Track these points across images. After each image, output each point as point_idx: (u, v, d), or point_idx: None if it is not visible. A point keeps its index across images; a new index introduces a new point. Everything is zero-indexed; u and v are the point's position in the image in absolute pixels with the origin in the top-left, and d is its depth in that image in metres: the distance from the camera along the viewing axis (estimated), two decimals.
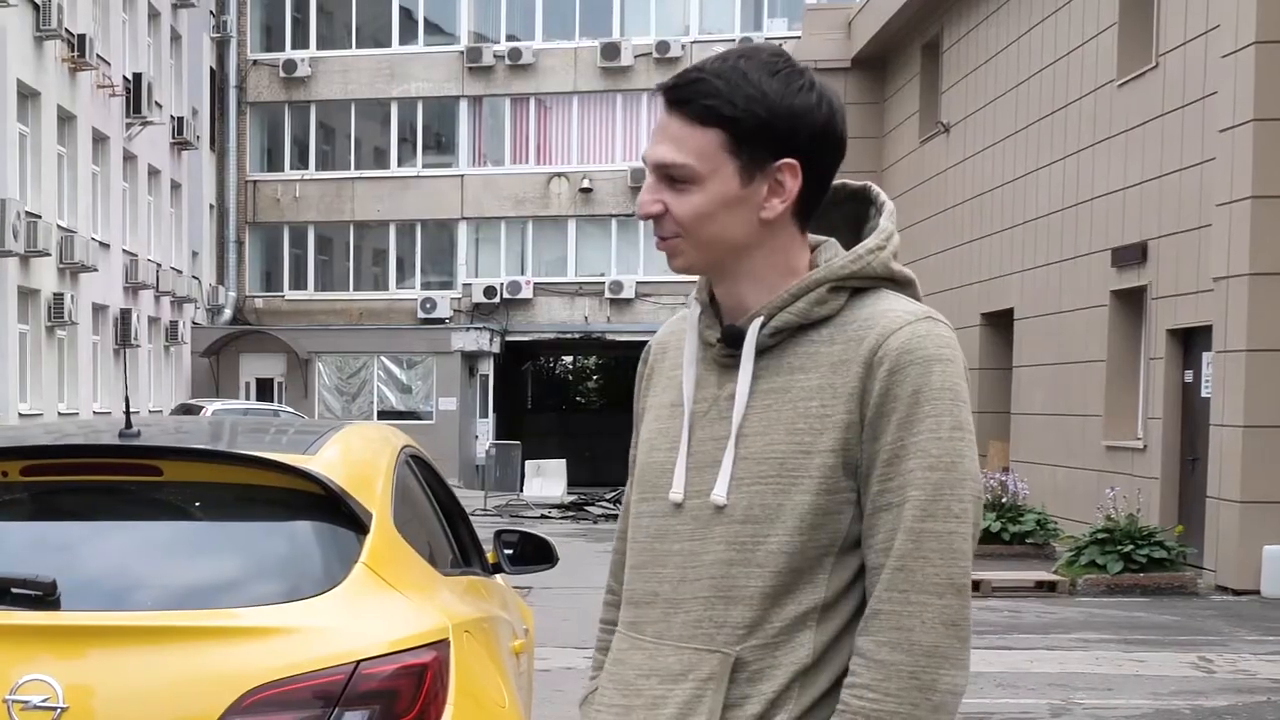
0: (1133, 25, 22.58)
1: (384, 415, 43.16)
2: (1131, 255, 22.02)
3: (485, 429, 47.06)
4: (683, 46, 48.41)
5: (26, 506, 4.53)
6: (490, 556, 6.12)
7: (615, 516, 29.67)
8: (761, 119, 2.59)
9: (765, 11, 48.99)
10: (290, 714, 3.92)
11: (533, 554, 6.19)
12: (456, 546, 5.68)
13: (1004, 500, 21.53)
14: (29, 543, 4.43)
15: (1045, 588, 17.79)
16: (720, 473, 2.64)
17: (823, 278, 2.65)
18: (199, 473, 4.43)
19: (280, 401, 43.03)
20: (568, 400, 62.95)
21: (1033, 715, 10.64)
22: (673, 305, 48.85)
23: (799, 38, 38.95)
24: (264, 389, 45.84)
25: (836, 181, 2.78)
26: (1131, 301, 22.59)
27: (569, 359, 63.04)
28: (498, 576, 6.22)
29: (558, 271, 49.60)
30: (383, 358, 46.55)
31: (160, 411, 39.90)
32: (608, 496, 32.01)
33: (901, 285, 2.72)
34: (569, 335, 50.08)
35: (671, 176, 2.62)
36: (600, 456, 52.42)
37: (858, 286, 2.67)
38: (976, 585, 17.32)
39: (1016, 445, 26.97)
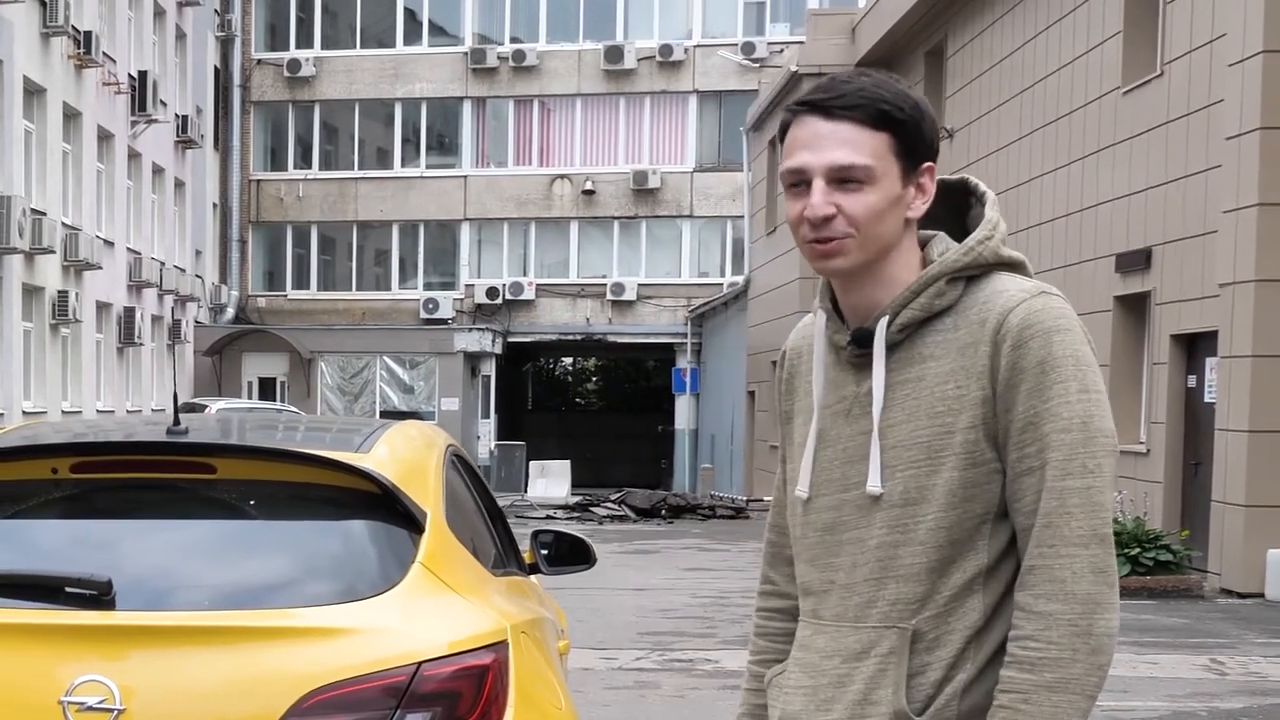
0: (1138, 33, 22.52)
1: (386, 415, 43.07)
2: (1135, 261, 21.98)
3: (487, 429, 47.04)
4: (685, 50, 48.45)
5: (77, 504, 4.46)
6: (527, 556, 6.07)
7: (620, 518, 29.75)
8: (919, 125, 2.85)
9: (768, 16, 48.99)
10: (352, 715, 3.87)
11: (568, 554, 6.12)
12: (498, 546, 5.63)
13: None
14: (81, 541, 4.36)
15: None
16: (871, 464, 2.83)
17: (939, 272, 2.86)
18: (253, 471, 4.37)
19: (283, 401, 42.97)
20: (567, 402, 62.98)
21: None
22: (674, 308, 48.92)
23: (801, 42, 38.93)
24: (266, 388, 45.79)
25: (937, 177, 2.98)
26: (1135, 307, 22.54)
27: (569, 360, 63.06)
28: (532, 577, 6.17)
29: (560, 273, 49.63)
30: (385, 358, 46.50)
31: (162, 410, 39.83)
32: (613, 498, 31.93)
33: (1013, 267, 2.91)
34: (570, 337, 50.09)
35: (846, 178, 2.79)
36: (600, 458, 52.38)
37: (972, 275, 2.87)
38: None
39: None
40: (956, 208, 3.01)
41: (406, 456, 4.85)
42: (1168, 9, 21.45)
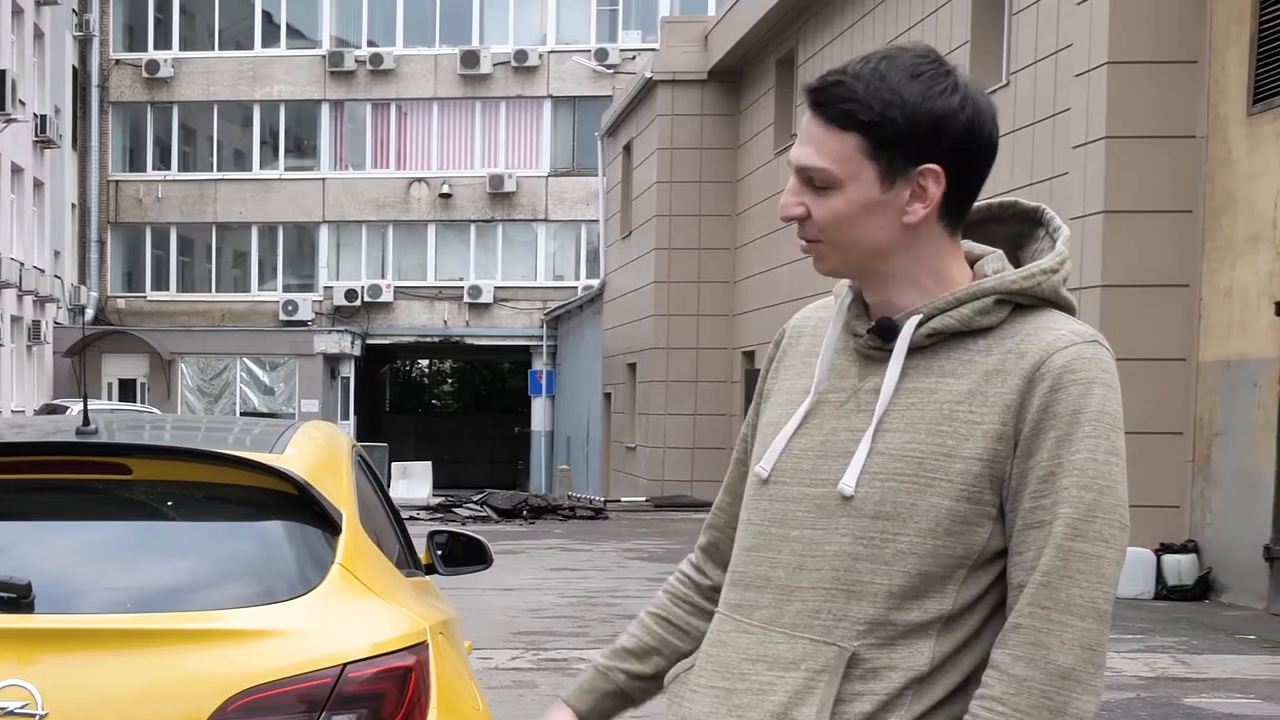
0: (985, 43, 22.77)
1: (246, 416, 42.67)
2: None
3: (346, 431, 46.71)
4: (540, 56, 48.50)
5: None
6: (423, 557, 5.99)
7: (482, 518, 29.58)
8: (899, 124, 2.51)
9: (620, 23, 49.12)
10: (278, 717, 3.80)
11: (462, 554, 6.02)
12: (400, 546, 5.56)
13: None
14: None
15: None
16: (851, 463, 2.55)
17: (991, 289, 2.56)
18: (168, 471, 4.27)
19: (143, 402, 42.40)
20: (423, 404, 62.77)
21: None
22: (530, 310, 48.88)
23: (654, 49, 39.03)
24: (127, 389, 45.22)
25: (1008, 199, 2.73)
26: None
27: (425, 363, 62.87)
28: (428, 577, 6.09)
29: (417, 276, 49.50)
30: (245, 359, 46.14)
31: (23, 411, 39.15)
32: (475, 498, 31.76)
33: (1065, 309, 2.62)
34: (429, 339, 49.98)
35: (810, 180, 2.55)
36: (457, 459, 52.25)
37: (1022, 303, 2.58)
38: None
39: None
40: (1019, 235, 2.73)
41: (319, 457, 4.76)
42: (1013, 20, 21.73)
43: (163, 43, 49.82)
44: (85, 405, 4.63)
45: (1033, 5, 20.90)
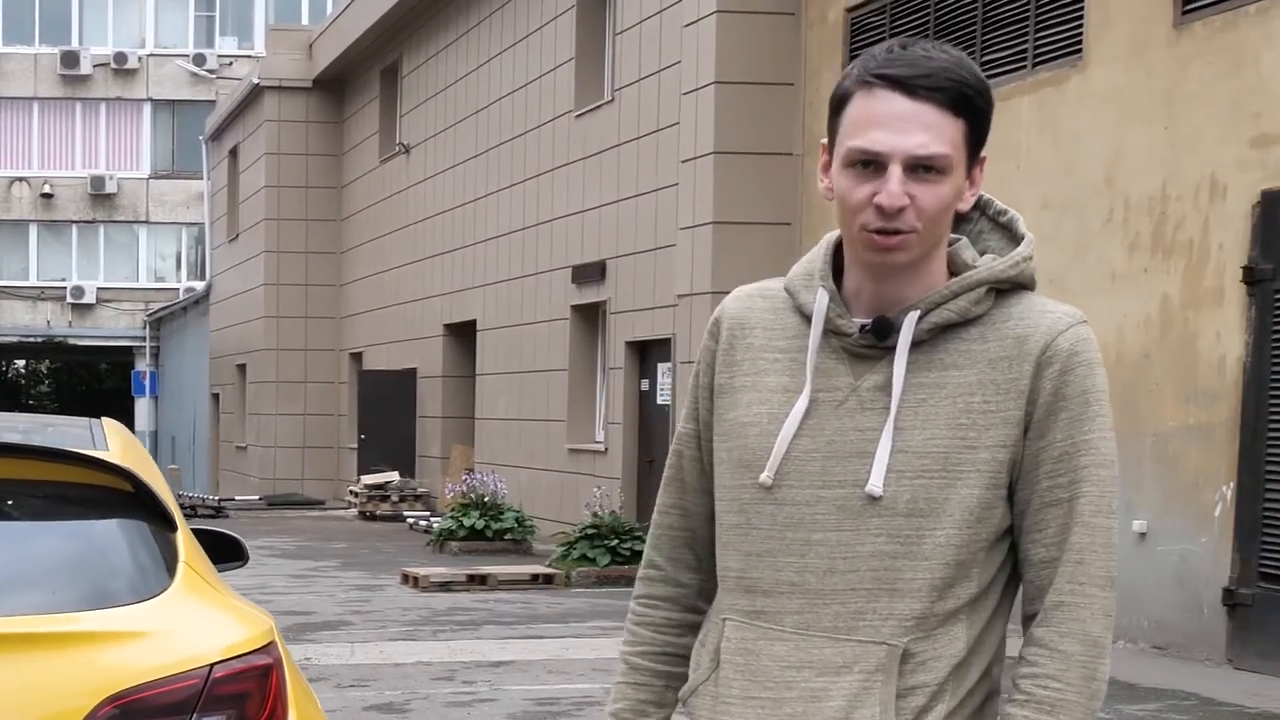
0: (589, 61, 23.08)
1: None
2: (591, 273, 22.48)
3: None
4: (140, 59, 47.40)
5: None
6: None
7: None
8: (989, 113, 2.49)
9: (218, 29, 48.23)
10: None
11: (211, 552, 5.86)
12: None
13: (486, 499, 21.53)
14: None
15: (543, 580, 17.81)
16: (875, 464, 2.48)
17: (984, 279, 2.52)
18: (3, 469, 4.01)
19: None
20: (20, 404, 60.70)
21: (595, 699, 10.73)
22: (133, 312, 47.57)
23: (250, 55, 38.48)
24: None
25: None
26: (591, 315, 23.08)
27: (21, 363, 60.92)
28: None
29: (19, 276, 47.91)
30: None
31: None
32: None
33: (1032, 289, 2.61)
34: (31, 339, 48.50)
35: (925, 167, 2.42)
36: None
37: (1001, 288, 2.55)
38: (484, 579, 17.36)
39: (480, 448, 27.12)
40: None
41: (136, 453, 4.58)
42: (617, 39, 22.03)
43: None
44: None
45: (636, 26, 21.24)
